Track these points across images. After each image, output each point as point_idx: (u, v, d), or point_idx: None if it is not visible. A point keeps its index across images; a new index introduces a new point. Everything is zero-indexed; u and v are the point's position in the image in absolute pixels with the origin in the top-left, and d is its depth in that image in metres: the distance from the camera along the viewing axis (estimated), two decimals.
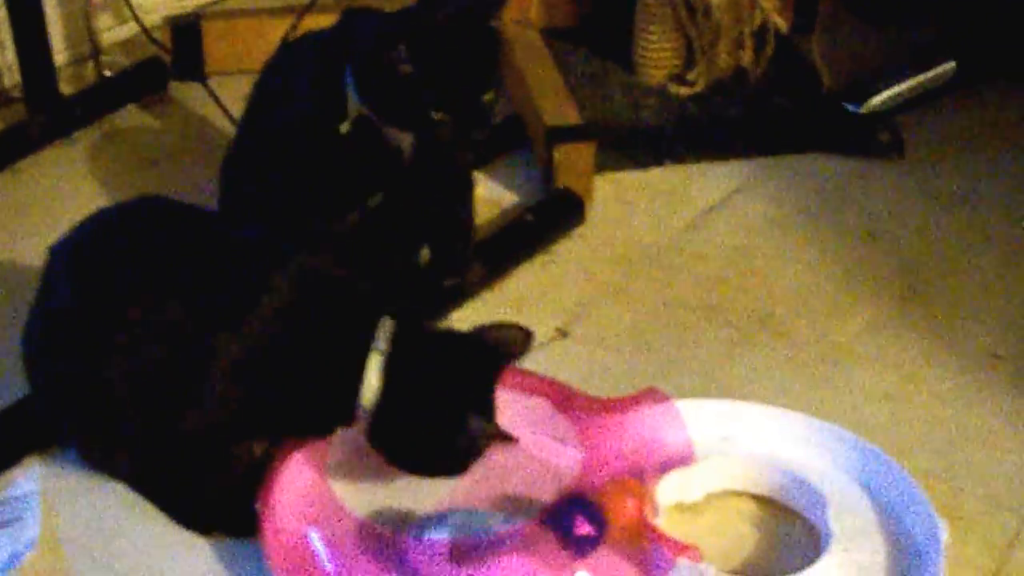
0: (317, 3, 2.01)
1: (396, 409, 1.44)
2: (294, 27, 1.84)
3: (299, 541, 1.46)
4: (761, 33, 2.21)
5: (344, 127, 1.61)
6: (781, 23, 2.19)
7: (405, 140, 1.64)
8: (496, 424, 1.46)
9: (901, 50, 2.34)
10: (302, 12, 1.93)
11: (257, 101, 1.77)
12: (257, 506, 1.49)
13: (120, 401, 1.46)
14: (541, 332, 1.79)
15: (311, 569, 1.44)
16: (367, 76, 1.59)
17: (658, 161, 2.14)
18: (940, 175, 2.14)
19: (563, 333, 1.82)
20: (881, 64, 2.27)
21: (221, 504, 1.53)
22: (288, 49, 1.78)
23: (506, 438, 1.47)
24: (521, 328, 1.51)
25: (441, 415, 1.45)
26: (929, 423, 1.70)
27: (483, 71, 1.60)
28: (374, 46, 1.58)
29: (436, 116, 1.58)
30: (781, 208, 2.07)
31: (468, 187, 1.81)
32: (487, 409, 1.47)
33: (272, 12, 2.24)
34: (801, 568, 1.44)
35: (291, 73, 1.72)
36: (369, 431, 1.47)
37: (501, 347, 1.50)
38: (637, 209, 2.06)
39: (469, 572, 1.41)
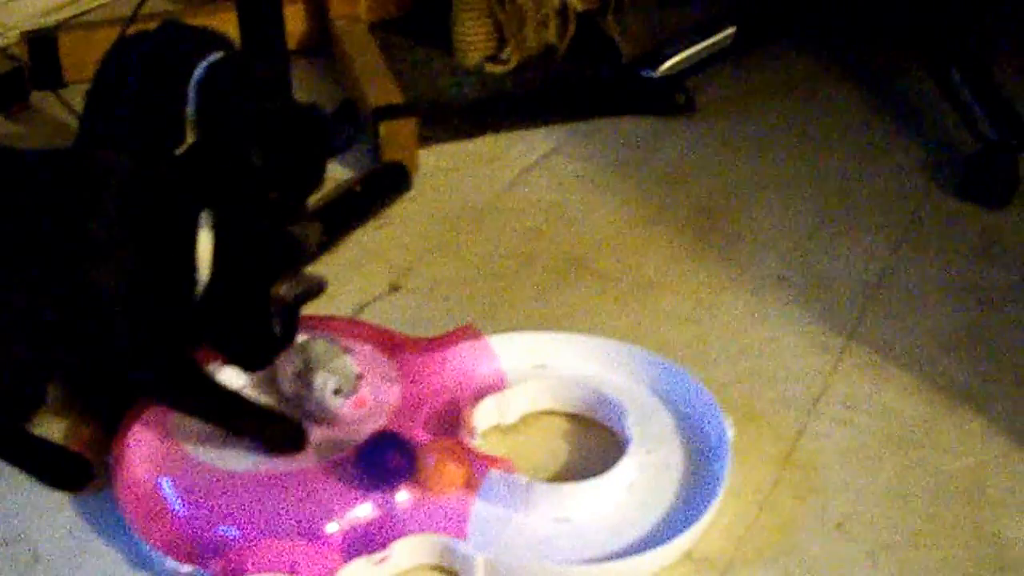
0: (144, 12, 1.88)
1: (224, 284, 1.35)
2: (124, 32, 1.72)
3: (151, 490, 1.37)
4: (562, 13, 2.17)
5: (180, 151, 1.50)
6: (576, 2, 2.15)
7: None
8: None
9: (690, 24, 2.28)
10: (128, 22, 1.80)
11: (91, 108, 1.65)
12: (109, 460, 1.39)
13: None
14: (375, 287, 1.73)
15: (164, 515, 1.35)
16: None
17: (480, 132, 2.06)
18: (730, 127, 2.10)
19: (395, 287, 1.74)
20: (671, 34, 2.22)
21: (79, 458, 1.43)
22: (115, 55, 1.65)
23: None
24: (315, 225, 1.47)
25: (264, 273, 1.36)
26: (726, 339, 1.66)
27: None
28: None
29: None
30: (591, 165, 2.00)
31: None
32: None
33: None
34: (606, 470, 1.38)
35: (120, 83, 1.60)
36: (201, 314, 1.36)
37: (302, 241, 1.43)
38: (462, 174, 1.98)
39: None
